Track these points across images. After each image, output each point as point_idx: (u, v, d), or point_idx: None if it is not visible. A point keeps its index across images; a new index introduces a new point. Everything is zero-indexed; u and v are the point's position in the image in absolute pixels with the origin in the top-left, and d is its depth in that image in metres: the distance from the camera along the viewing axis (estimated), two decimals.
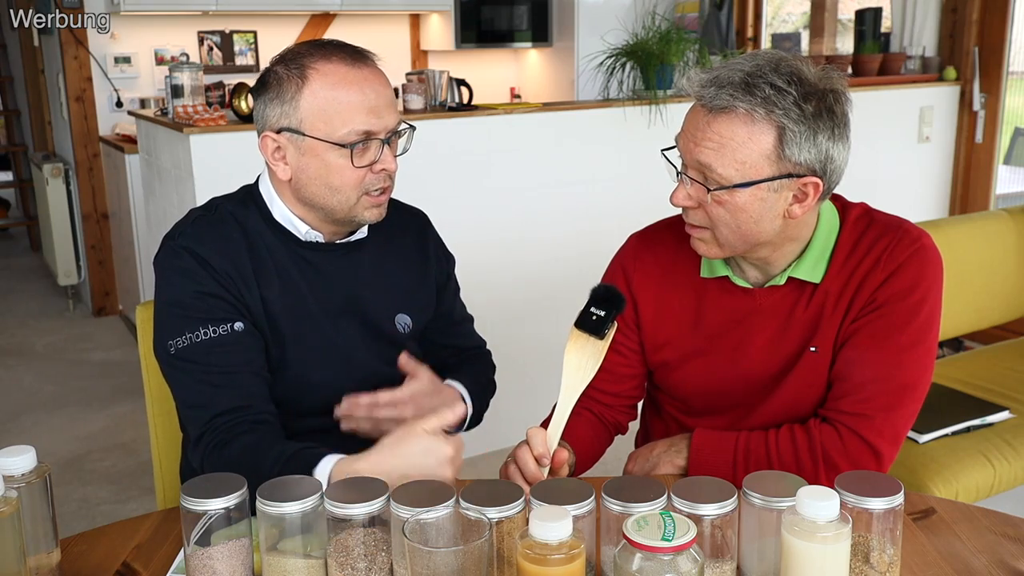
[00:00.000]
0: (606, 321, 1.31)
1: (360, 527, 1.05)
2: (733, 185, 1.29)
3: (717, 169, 1.29)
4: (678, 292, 1.51)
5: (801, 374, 1.43)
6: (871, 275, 1.40)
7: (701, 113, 1.31)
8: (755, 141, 1.27)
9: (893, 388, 1.37)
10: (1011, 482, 2.25)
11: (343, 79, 1.38)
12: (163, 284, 1.45)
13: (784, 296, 1.44)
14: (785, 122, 1.27)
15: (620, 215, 3.52)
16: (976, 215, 3.29)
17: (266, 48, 5.45)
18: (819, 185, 1.33)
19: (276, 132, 1.42)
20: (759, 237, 1.35)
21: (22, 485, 1.09)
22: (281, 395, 1.47)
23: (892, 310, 1.38)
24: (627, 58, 3.44)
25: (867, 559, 1.07)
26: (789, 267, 1.43)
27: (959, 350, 3.92)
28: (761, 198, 1.31)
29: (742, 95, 1.27)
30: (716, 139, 1.28)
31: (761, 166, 1.29)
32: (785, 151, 1.28)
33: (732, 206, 1.31)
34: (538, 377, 1.82)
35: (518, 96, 5.88)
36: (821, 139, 1.31)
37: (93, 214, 5.11)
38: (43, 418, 3.84)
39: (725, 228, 1.34)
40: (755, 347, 1.46)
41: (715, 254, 1.40)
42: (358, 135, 1.39)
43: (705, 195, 1.32)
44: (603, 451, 1.60)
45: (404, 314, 1.58)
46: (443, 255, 1.68)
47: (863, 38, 4.44)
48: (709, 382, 1.51)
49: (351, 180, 1.41)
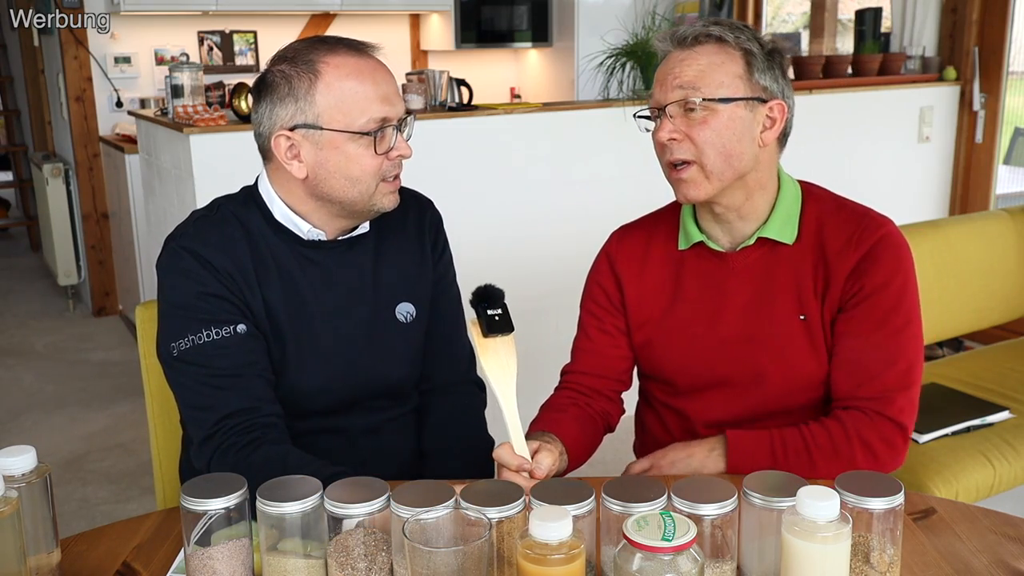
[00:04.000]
0: (506, 315, 1.32)
1: (360, 527, 1.05)
2: (717, 99, 1.41)
3: (700, 88, 1.41)
4: (657, 267, 1.59)
5: (796, 344, 1.49)
6: (844, 252, 1.48)
7: (676, 53, 1.46)
8: (728, 65, 1.43)
9: (903, 368, 1.47)
10: (1011, 482, 2.25)
11: (355, 70, 1.39)
12: (165, 286, 1.45)
13: (757, 259, 1.52)
14: (749, 47, 1.44)
15: (620, 215, 3.49)
16: (976, 215, 3.29)
17: (266, 48, 5.45)
18: (784, 109, 1.46)
19: (290, 130, 1.41)
20: (741, 160, 1.44)
21: (22, 485, 1.09)
22: (282, 396, 1.47)
23: (883, 297, 1.46)
24: (627, 58, 3.44)
25: (867, 559, 1.07)
26: (759, 229, 1.51)
27: (959, 350, 3.91)
28: (740, 116, 1.43)
29: (712, 27, 1.45)
30: (695, 65, 1.43)
31: (736, 86, 1.43)
32: (754, 75, 1.44)
33: (716, 123, 1.42)
34: (537, 376, 1.82)
35: (518, 96, 5.88)
36: (777, 73, 1.47)
37: (93, 214, 5.11)
38: (43, 418, 3.84)
39: (711, 150, 1.43)
40: (732, 311, 1.52)
41: (703, 191, 1.46)
42: (376, 123, 1.40)
43: (689, 121, 1.43)
44: (595, 446, 1.59)
45: (407, 303, 1.57)
46: (441, 242, 1.65)
47: (863, 38, 4.45)
48: (691, 352, 1.55)
49: (370, 169, 1.41)
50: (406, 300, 1.57)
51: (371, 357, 1.53)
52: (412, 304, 1.58)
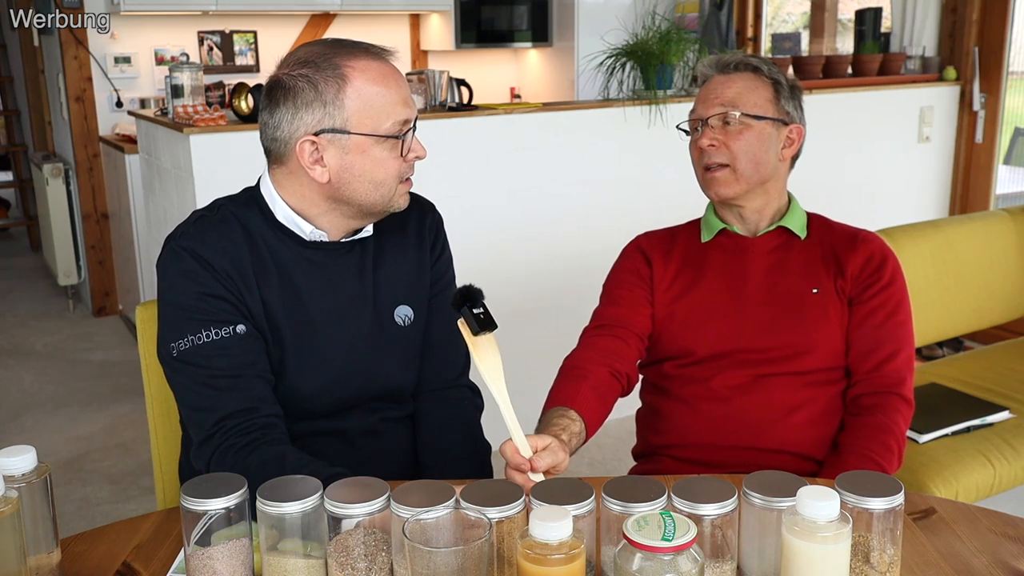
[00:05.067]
0: (488, 312, 1.33)
1: (360, 527, 1.05)
2: (752, 115, 1.70)
3: (738, 105, 1.70)
4: (683, 255, 1.80)
5: (809, 312, 1.69)
6: (852, 246, 1.74)
7: (718, 77, 1.74)
8: (761, 90, 1.72)
9: (908, 355, 1.73)
10: (1011, 482, 2.25)
11: (380, 74, 1.40)
12: (165, 286, 1.45)
13: (775, 242, 1.76)
14: (778, 79, 1.74)
15: (620, 215, 3.52)
16: (976, 215, 3.29)
17: (266, 48, 5.45)
18: (801, 132, 1.75)
19: (315, 135, 1.40)
20: (766, 167, 1.71)
21: (22, 485, 1.09)
22: (281, 397, 1.47)
23: (889, 296, 1.72)
24: (627, 58, 3.44)
25: (867, 559, 1.07)
26: (777, 221, 1.76)
27: (959, 350, 3.91)
28: (768, 132, 1.71)
29: (750, 59, 1.75)
30: (734, 87, 1.72)
31: (767, 107, 1.72)
32: (780, 101, 1.73)
33: (749, 135, 1.69)
34: (538, 375, 1.82)
35: (518, 96, 5.88)
36: (797, 103, 1.76)
37: (93, 214, 5.11)
38: (43, 418, 3.84)
39: (744, 157, 1.69)
40: (751, 283, 1.73)
41: (732, 189, 1.71)
42: (400, 126, 1.41)
43: (726, 132, 1.70)
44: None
45: (405, 306, 1.57)
46: (441, 242, 1.65)
47: (863, 38, 4.45)
48: (712, 320, 1.72)
49: (394, 171, 1.43)
50: (404, 303, 1.57)
51: (369, 360, 1.53)
52: (410, 307, 1.58)
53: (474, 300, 1.31)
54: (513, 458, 1.28)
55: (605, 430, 1.69)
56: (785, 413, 1.66)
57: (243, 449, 1.36)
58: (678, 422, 1.71)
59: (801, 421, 1.67)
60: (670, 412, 1.73)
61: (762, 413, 1.67)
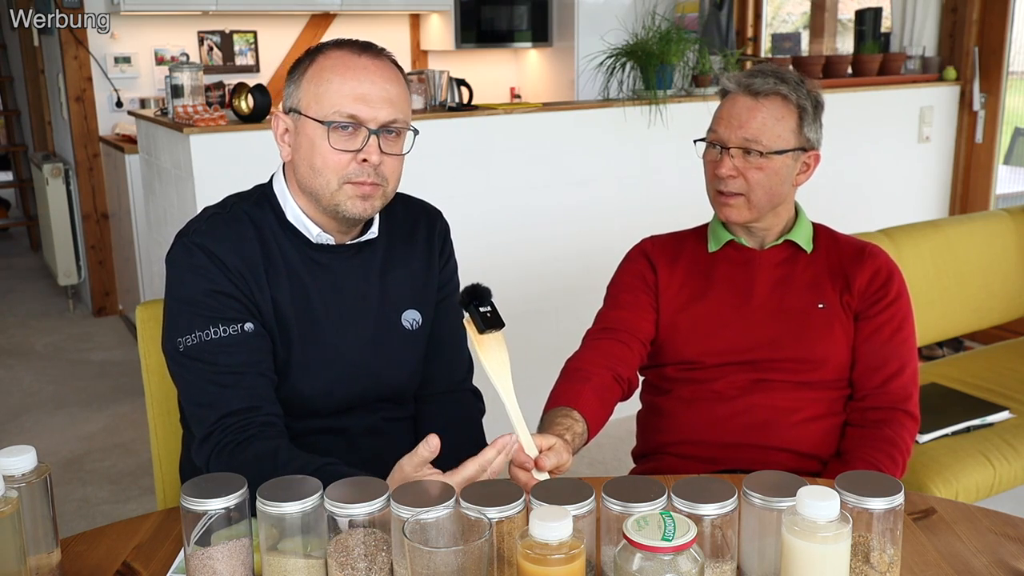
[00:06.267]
0: (496, 311, 1.34)
1: (360, 527, 1.05)
2: (774, 151, 1.66)
3: (763, 140, 1.65)
4: (689, 263, 1.78)
5: (814, 325, 1.69)
6: (858, 260, 1.73)
7: (744, 100, 1.67)
8: (787, 119, 1.67)
9: (912, 370, 1.73)
10: (1011, 482, 2.25)
11: (342, 64, 1.42)
12: (175, 281, 1.45)
13: (782, 255, 1.75)
14: (804, 104, 1.68)
15: (620, 215, 3.52)
16: (976, 215, 3.29)
17: (266, 48, 5.45)
18: (818, 158, 1.72)
19: (285, 113, 1.47)
20: (780, 198, 1.70)
21: (22, 485, 1.09)
22: (285, 396, 1.47)
23: (896, 312, 1.72)
24: (627, 58, 3.44)
25: (867, 559, 1.07)
26: (784, 235, 1.75)
27: (959, 350, 3.91)
28: (787, 164, 1.68)
29: (781, 83, 1.67)
30: (760, 117, 1.66)
31: (789, 138, 1.67)
32: (803, 129, 1.68)
33: (770, 170, 1.66)
34: (538, 375, 1.82)
35: (518, 96, 5.88)
36: (818, 125, 1.72)
37: (93, 214, 5.11)
38: (43, 418, 3.84)
39: (760, 189, 1.67)
40: (758, 295, 1.72)
41: (743, 216, 1.70)
42: (342, 117, 1.40)
43: (747, 164, 1.66)
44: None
45: (413, 310, 1.58)
46: (448, 250, 1.66)
47: (863, 38, 4.45)
48: (718, 330, 1.71)
49: (331, 163, 1.42)
50: (412, 307, 1.58)
51: (376, 362, 1.54)
52: (418, 312, 1.58)
53: (481, 298, 1.31)
54: (518, 455, 1.28)
55: (605, 430, 1.69)
56: (788, 411, 1.67)
57: (239, 446, 1.36)
58: (680, 419, 1.72)
59: (804, 419, 1.67)
60: (672, 410, 1.74)
61: (765, 411, 1.67)
